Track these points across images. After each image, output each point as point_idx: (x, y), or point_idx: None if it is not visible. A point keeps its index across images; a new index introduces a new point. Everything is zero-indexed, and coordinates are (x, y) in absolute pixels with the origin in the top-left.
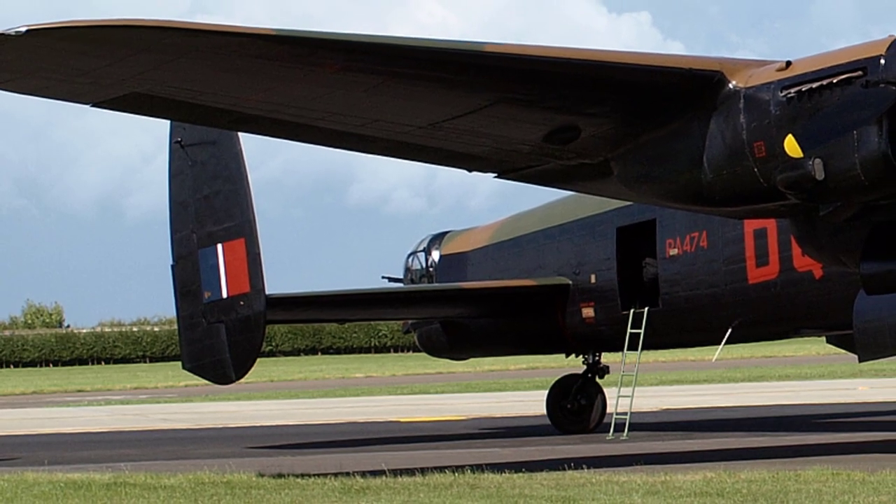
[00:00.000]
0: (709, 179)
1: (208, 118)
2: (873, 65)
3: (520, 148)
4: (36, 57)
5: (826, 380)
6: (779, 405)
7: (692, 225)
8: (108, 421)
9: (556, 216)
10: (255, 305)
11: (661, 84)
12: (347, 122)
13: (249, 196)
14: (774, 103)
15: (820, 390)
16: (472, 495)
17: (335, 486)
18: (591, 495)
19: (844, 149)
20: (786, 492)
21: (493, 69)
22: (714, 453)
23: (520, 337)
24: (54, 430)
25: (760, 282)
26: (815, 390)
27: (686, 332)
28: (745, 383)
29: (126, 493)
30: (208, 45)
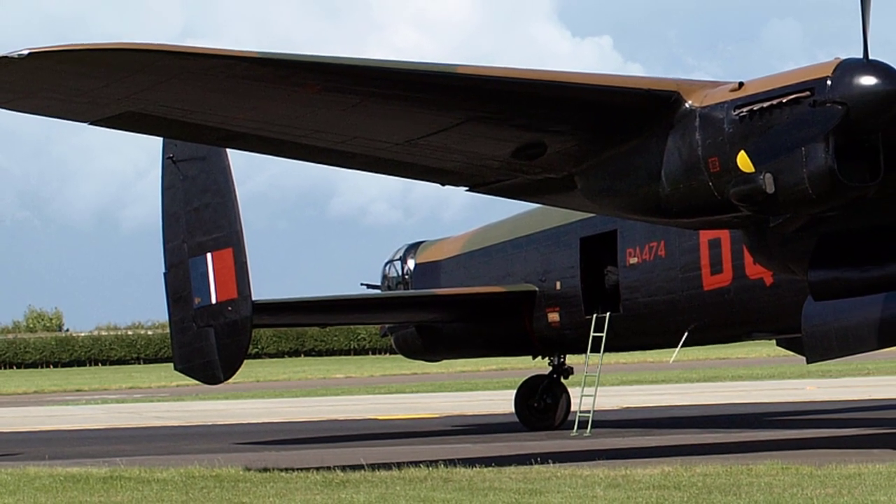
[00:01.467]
0: (666, 193)
1: (198, 135)
2: (820, 86)
3: (490, 163)
4: (37, 78)
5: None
6: (732, 404)
7: (651, 235)
8: (105, 419)
9: (524, 227)
10: (242, 310)
11: (621, 104)
12: (328, 139)
13: (237, 208)
14: (728, 121)
15: (770, 390)
16: (445, 488)
17: (317, 479)
18: (556, 488)
19: (793, 164)
20: (738, 485)
21: (464, 89)
22: (671, 449)
23: (489, 340)
24: (54, 427)
25: (715, 288)
26: (766, 390)
27: (645, 335)
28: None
29: (121, 486)
30: (198, 66)
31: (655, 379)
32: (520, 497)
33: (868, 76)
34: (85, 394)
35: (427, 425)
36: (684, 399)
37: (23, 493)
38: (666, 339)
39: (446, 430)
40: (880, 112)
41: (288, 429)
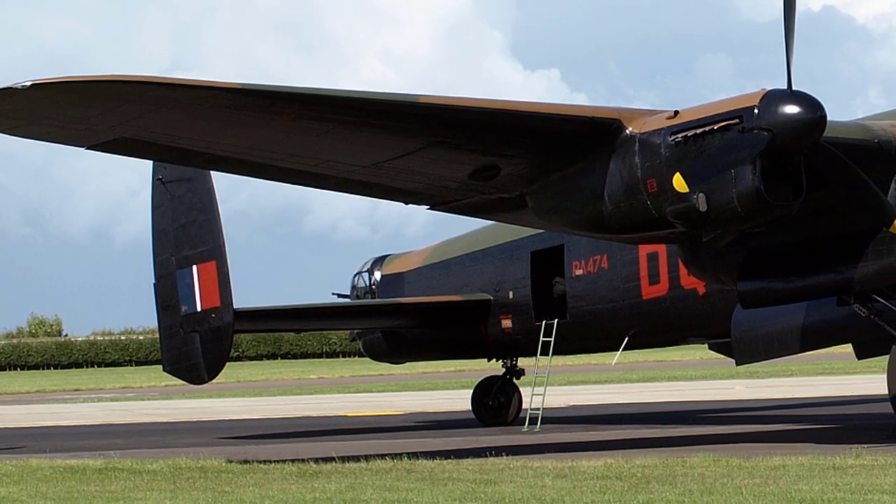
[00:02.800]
0: (609, 211)
1: (185, 159)
2: (748, 114)
3: (448, 184)
4: (39, 107)
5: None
6: (668, 402)
7: (595, 249)
8: (100, 415)
9: (480, 242)
10: (224, 318)
11: (568, 130)
12: (302, 163)
13: (219, 225)
14: (664, 146)
15: (702, 389)
16: (408, 478)
17: (292, 470)
18: (509, 479)
19: (724, 185)
20: (674, 475)
21: (425, 118)
22: (613, 443)
23: (449, 344)
24: (54, 423)
25: (653, 297)
26: (699, 389)
27: (590, 340)
28: (640, 383)
29: (115, 477)
30: (185, 96)
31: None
32: (476, 486)
33: (791, 105)
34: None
35: (392, 421)
36: (625, 398)
37: (26, 482)
38: (608, 343)
39: (409, 426)
40: (802, 137)
41: (266, 425)
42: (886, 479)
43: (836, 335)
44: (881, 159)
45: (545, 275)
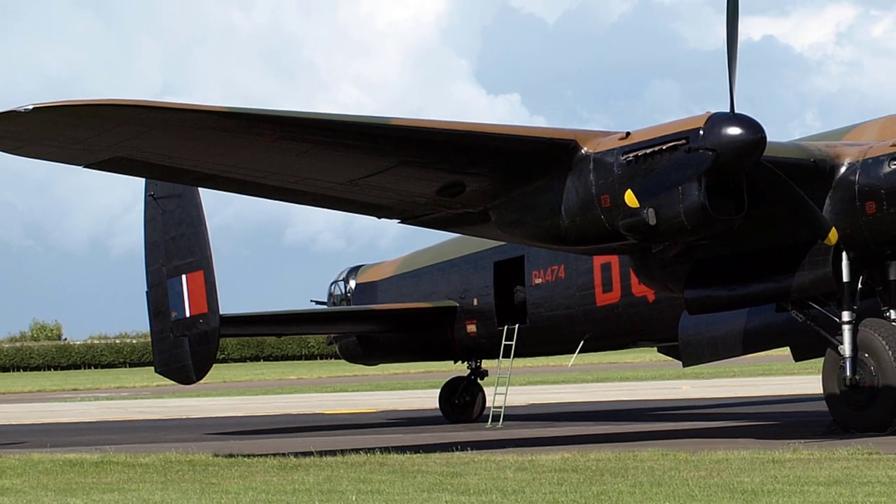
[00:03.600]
0: (566, 225)
1: (175, 176)
2: (694, 135)
3: (418, 200)
4: (40, 129)
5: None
6: (620, 401)
7: (553, 260)
8: (97, 413)
9: (446, 253)
10: (211, 323)
11: (528, 150)
12: (283, 180)
13: (207, 237)
14: (617, 165)
15: (652, 389)
16: (381, 471)
17: (273, 463)
18: (473, 471)
19: (672, 201)
20: (626, 468)
21: (397, 138)
22: (570, 438)
23: (418, 347)
24: (54, 420)
25: (606, 304)
26: (649, 389)
27: (548, 343)
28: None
29: (110, 469)
30: (174, 119)
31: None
32: (443, 478)
33: (734, 127)
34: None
35: (366, 419)
36: (580, 397)
37: (28, 475)
38: (565, 346)
39: (382, 423)
40: (744, 157)
41: (249, 422)
42: (821, 471)
43: (775, 339)
44: (817, 177)
45: (507, 283)
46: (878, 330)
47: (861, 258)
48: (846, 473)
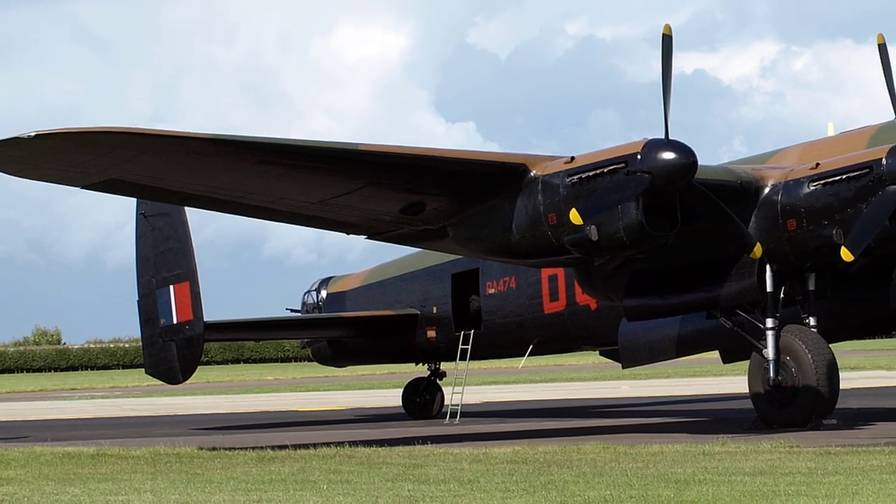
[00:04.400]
0: (516, 240)
1: (163, 196)
2: (632, 159)
3: (383, 218)
4: (41, 153)
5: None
6: (566, 399)
7: (505, 272)
8: (93, 410)
9: (409, 266)
10: (196, 329)
11: (482, 173)
12: (261, 200)
13: (192, 252)
14: (563, 186)
15: (594, 388)
16: (349, 462)
17: (252, 456)
18: (433, 463)
19: (612, 218)
20: (570, 460)
21: (364, 163)
22: (520, 433)
23: (382, 351)
24: (54, 416)
25: (553, 312)
26: (591, 388)
27: (500, 347)
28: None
29: (105, 461)
30: (163, 144)
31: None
32: (406, 469)
33: (668, 152)
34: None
35: (336, 415)
36: (530, 395)
37: (31, 466)
38: (516, 350)
39: (350, 419)
40: (677, 178)
41: (231, 418)
42: (747, 463)
43: (706, 343)
44: (743, 197)
45: (463, 293)
46: (799, 335)
47: (783, 270)
48: (770, 465)
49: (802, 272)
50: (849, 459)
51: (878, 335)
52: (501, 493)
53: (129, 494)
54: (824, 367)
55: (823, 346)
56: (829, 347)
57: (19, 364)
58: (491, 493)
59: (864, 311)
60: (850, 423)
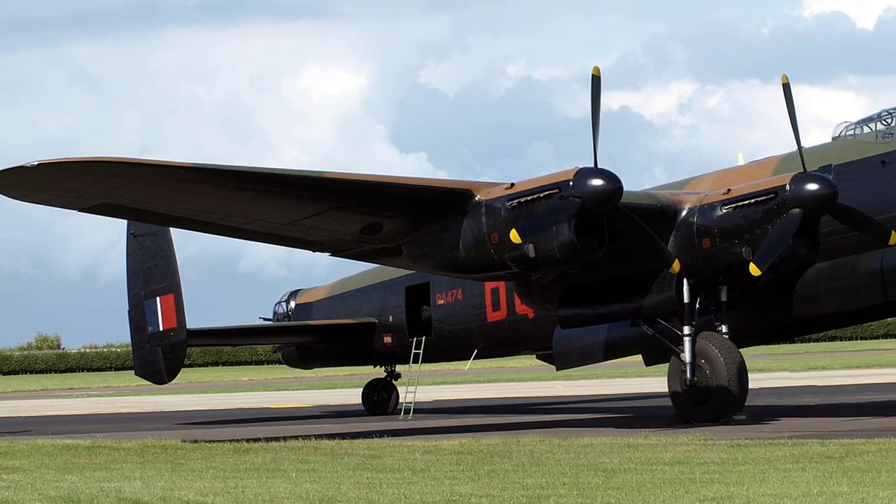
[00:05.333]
0: (463, 257)
1: (150, 219)
2: (565, 185)
3: (345, 237)
4: (43, 180)
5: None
6: (506, 397)
7: (452, 285)
8: (88, 407)
9: (368, 279)
10: (180, 335)
11: (432, 197)
12: (237, 222)
13: (176, 267)
14: (504, 209)
15: (532, 388)
16: (315, 453)
17: (229, 447)
18: (389, 454)
19: (547, 238)
20: (510, 451)
21: (328, 189)
22: (466, 427)
23: (344, 355)
24: (54, 413)
25: (495, 321)
26: (529, 388)
27: (449, 352)
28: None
29: (99, 452)
30: (150, 173)
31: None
32: (365, 459)
33: (597, 179)
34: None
35: (303, 412)
36: (475, 394)
37: (33, 456)
38: (463, 354)
39: (316, 415)
40: (605, 202)
41: (210, 414)
42: (666, 453)
43: (630, 348)
44: (663, 219)
45: (416, 304)
46: (712, 341)
47: (698, 284)
48: (686, 455)
49: (715, 285)
50: (756, 451)
51: (783, 341)
52: (450, 480)
53: (121, 482)
54: (735, 369)
55: (734, 350)
56: (739, 351)
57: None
58: (440, 481)
59: (770, 320)
60: (757, 418)
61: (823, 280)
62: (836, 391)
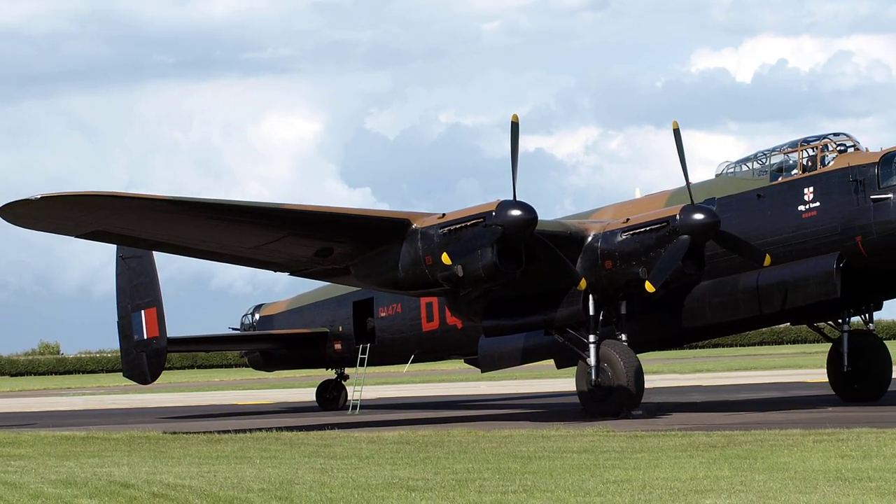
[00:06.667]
0: (402, 276)
1: (136, 244)
2: (489, 214)
3: (301, 259)
4: (45, 211)
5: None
6: (439, 395)
7: (393, 300)
8: (83, 404)
9: (321, 295)
10: (161, 343)
11: (376, 226)
12: (209, 246)
13: (158, 285)
14: (436, 235)
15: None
16: (277, 443)
17: (203, 438)
18: (339, 443)
19: (474, 259)
20: (442, 441)
21: (287, 218)
22: (404, 421)
23: (301, 359)
24: (54, 408)
25: (429, 330)
26: (458, 388)
27: (390, 357)
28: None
29: (93, 442)
30: (136, 205)
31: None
32: (319, 448)
33: (516, 209)
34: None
35: (266, 408)
36: (412, 392)
37: (37, 446)
38: (402, 359)
39: (277, 411)
40: (522, 230)
41: (187, 410)
42: (575, 443)
43: (544, 353)
44: (572, 243)
45: (362, 316)
46: (613, 347)
47: (602, 299)
48: (592, 444)
49: (616, 300)
50: (651, 441)
51: (674, 347)
52: (391, 465)
53: (111, 467)
54: (633, 372)
55: (632, 355)
56: (637, 356)
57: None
58: (382, 466)
59: (663, 330)
60: (652, 413)
61: (708, 296)
62: (719, 390)
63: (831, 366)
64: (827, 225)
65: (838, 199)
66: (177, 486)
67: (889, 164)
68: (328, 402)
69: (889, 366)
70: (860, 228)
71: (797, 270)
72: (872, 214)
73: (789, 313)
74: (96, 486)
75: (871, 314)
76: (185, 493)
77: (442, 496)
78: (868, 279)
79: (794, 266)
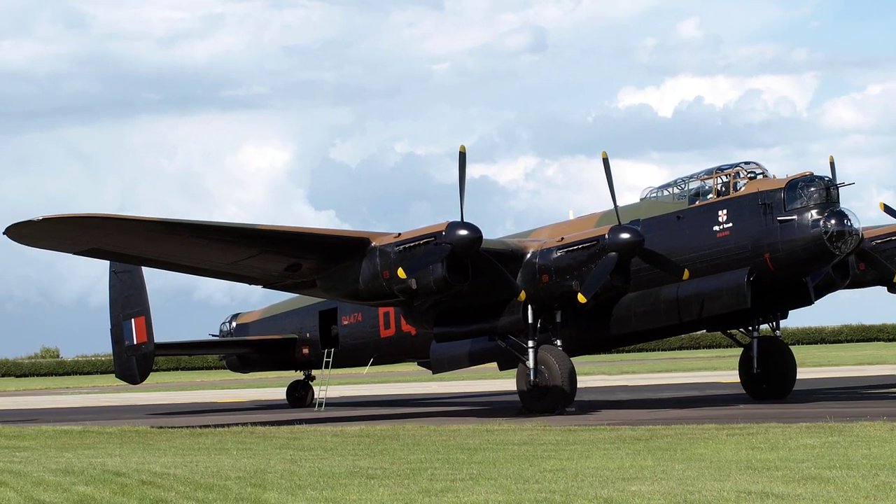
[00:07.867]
0: (362, 289)
1: (127, 260)
2: (439, 234)
3: (272, 274)
4: (45, 231)
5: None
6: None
7: (354, 309)
8: (81, 402)
9: (291, 305)
10: (149, 348)
11: (339, 244)
12: (191, 262)
13: (146, 296)
14: (393, 252)
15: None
16: (251, 436)
17: (186, 432)
18: (306, 436)
19: (426, 274)
20: (398, 435)
21: (261, 237)
22: (364, 416)
23: (273, 362)
24: (55, 406)
25: (386, 336)
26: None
27: (352, 360)
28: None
29: (89, 436)
30: (127, 226)
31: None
32: (289, 441)
33: (463, 229)
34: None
35: (242, 405)
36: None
37: (39, 438)
38: (362, 362)
39: (252, 407)
40: (469, 247)
41: (172, 407)
42: (515, 436)
43: (489, 357)
44: (513, 260)
45: (327, 324)
46: (550, 351)
47: (539, 308)
48: (530, 437)
49: (552, 310)
50: (583, 434)
51: (603, 351)
52: (353, 456)
53: (105, 458)
54: (567, 373)
55: (566, 359)
56: (570, 360)
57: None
58: (345, 457)
59: (593, 336)
60: (584, 410)
61: (633, 306)
62: (643, 390)
63: (743, 368)
64: (739, 243)
65: (749, 221)
66: (163, 474)
67: (794, 189)
68: (297, 400)
69: (793, 368)
70: (768, 246)
71: (712, 283)
72: (779, 234)
73: (705, 321)
74: (91, 474)
75: (778, 322)
76: (170, 480)
77: (398, 483)
78: (775, 291)
79: (709, 279)
